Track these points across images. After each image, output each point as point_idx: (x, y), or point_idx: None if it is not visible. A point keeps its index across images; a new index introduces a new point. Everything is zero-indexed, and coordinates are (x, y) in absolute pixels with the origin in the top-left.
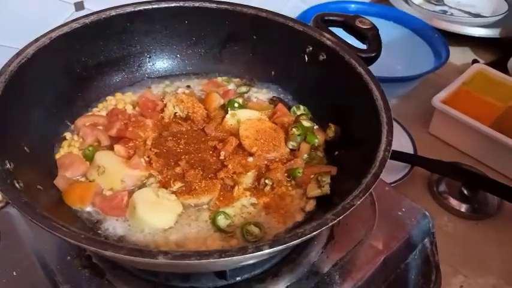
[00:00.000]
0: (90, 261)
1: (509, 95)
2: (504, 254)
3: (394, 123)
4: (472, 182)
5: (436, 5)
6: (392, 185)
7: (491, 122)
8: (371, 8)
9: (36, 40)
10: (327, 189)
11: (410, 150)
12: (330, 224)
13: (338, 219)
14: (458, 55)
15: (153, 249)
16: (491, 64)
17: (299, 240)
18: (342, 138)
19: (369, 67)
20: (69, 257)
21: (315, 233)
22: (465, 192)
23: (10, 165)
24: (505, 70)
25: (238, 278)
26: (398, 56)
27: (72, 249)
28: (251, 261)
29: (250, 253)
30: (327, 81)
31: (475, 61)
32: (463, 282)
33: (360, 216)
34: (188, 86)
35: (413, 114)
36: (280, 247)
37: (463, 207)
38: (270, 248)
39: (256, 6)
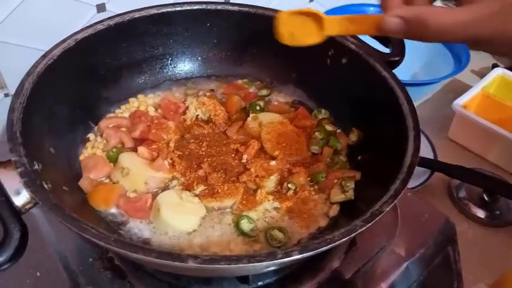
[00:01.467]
0: (112, 263)
1: None
2: None
3: None
4: (493, 188)
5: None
6: (412, 190)
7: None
8: None
9: (63, 42)
10: (351, 194)
11: (430, 155)
12: (359, 231)
13: (367, 225)
14: (478, 60)
15: (182, 253)
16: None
17: (328, 246)
18: (365, 142)
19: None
20: (91, 259)
21: (344, 239)
22: (486, 198)
23: (38, 166)
24: None
25: (260, 283)
26: (417, 60)
27: (94, 250)
28: (276, 266)
29: (279, 259)
30: (350, 85)
31: (495, 65)
32: None
33: (382, 222)
34: (212, 90)
35: (433, 119)
36: (310, 253)
37: (483, 214)
38: (300, 254)
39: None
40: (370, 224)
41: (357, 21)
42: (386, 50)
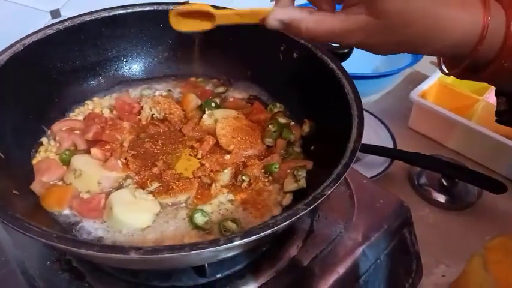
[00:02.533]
0: (70, 265)
1: (486, 87)
2: (484, 242)
3: (374, 119)
4: (451, 173)
5: None
6: (373, 179)
7: (468, 113)
8: None
9: (10, 47)
10: (303, 183)
11: (390, 145)
12: (301, 214)
13: (308, 208)
14: None
15: (124, 245)
16: None
17: (270, 230)
18: (318, 133)
19: (347, 65)
20: (49, 262)
21: (286, 223)
22: (445, 183)
23: None
24: None
25: (218, 275)
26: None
27: (51, 254)
28: (227, 255)
29: (222, 245)
30: (302, 78)
31: None
32: (445, 272)
33: (339, 209)
34: (169, 91)
35: (394, 110)
36: (251, 238)
37: (443, 199)
38: (242, 239)
39: (233, 7)
40: (311, 207)
41: (245, 16)
42: (336, 44)
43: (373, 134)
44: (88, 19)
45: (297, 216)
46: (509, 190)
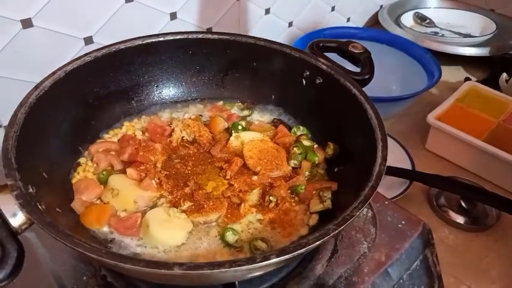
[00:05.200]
0: (105, 280)
1: (501, 110)
2: (504, 263)
3: (392, 141)
4: (470, 194)
5: (427, 27)
6: (393, 200)
7: (484, 136)
8: (365, 32)
9: (53, 73)
10: (328, 203)
11: (409, 166)
12: (332, 234)
13: (339, 229)
14: (452, 74)
15: (168, 261)
16: (483, 81)
17: (303, 249)
18: (341, 155)
19: (364, 88)
20: (85, 277)
21: (318, 242)
22: (464, 205)
23: (33, 189)
24: (496, 86)
25: None
26: (393, 77)
27: (88, 269)
28: (259, 273)
29: (258, 262)
30: (325, 102)
31: (467, 79)
32: None
33: (362, 230)
34: (199, 114)
35: (410, 132)
36: (286, 256)
37: (462, 220)
38: (277, 257)
39: (255, 35)
40: (341, 228)
41: None
42: (357, 69)
43: (392, 155)
44: (123, 47)
45: (328, 236)
46: None
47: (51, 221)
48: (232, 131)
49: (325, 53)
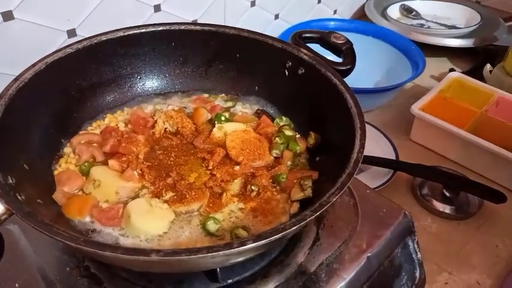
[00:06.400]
0: (88, 271)
1: (484, 100)
2: (485, 251)
3: (377, 132)
4: (452, 183)
5: (413, 19)
6: (376, 189)
7: (467, 126)
8: (350, 24)
9: (33, 65)
10: (309, 192)
11: (393, 157)
12: (308, 220)
13: (315, 214)
14: (437, 65)
15: (146, 248)
16: (468, 72)
17: (280, 235)
18: (323, 145)
19: (350, 80)
20: (68, 268)
21: (294, 227)
22: (447, 194)
23: (12, 180)
24: (480, 77)
25: (229, 281)
26: (378, 68)
27: (71, 260)
28: (239, 259)
29: (235, 248)
30: (307, 92)
31: (451, 70)
32: (448, 279)
33: (344, 218)
34: (184, 108)
35: (395, 123)
36: (263, 242)
37: (445, 209)
38: (254, 242)
39: (240, 27)
40: (318, 213)
41: None
42: (339, 60)
43: (376, 146)
44: (104, 39)
45: (304, 222)
46: (509, 200)
47: (30, 211)
48: (216, 122)
49: (308, 44)
